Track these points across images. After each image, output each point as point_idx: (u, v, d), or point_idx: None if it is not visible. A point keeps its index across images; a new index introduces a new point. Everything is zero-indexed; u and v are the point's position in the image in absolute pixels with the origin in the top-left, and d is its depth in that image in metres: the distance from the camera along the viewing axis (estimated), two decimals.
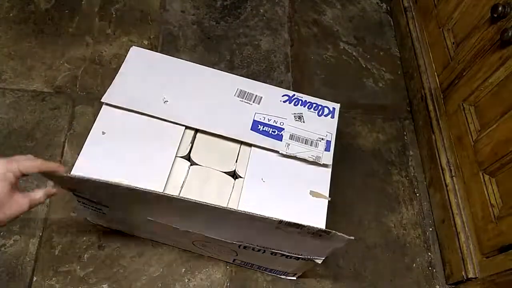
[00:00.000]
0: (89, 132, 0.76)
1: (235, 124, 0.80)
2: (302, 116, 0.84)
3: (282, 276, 0.89)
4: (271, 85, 0.88)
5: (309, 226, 0.61)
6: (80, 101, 1.05)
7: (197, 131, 0.81)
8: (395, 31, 1.33)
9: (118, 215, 0.79)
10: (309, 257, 0.73)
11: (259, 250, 0.75)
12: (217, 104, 0.83)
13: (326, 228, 0.74)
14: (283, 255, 0.74)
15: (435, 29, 1.11)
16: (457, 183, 0.96)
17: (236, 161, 0.79)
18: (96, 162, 0.73)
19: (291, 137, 0.80)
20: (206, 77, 0.86)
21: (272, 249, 0.73)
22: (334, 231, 0.61)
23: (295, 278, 0.90)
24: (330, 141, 0.82)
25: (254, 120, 0.81)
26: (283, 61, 1.21)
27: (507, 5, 0.81)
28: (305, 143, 0.80)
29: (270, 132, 0.80)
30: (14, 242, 0.86)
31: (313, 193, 0.77)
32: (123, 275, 0.86)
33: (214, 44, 1.21)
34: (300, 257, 0.73)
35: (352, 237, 0.61)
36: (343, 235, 0.61)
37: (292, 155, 0.78)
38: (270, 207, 0.75)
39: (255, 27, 1.26)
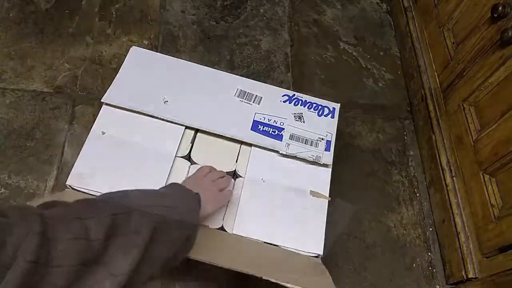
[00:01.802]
0: (89, 132, 0.76)
1: (235, 124, 0.80)
2: (302, 116, 0.84)
3: None
4: (271, 85, 0.88)
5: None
6: (80, 101, 1.05)
7: (197, 131, 0.81)
8: (395, 31, 1.33)
9: None
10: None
11: None
12: (217, 104, 0.83)
13: (326, 227, 0.75)
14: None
15: (435, 29, 1.11)
16: (457, 183, 0.96)
17: (236, 161, 0.79)
18: (96, 162, 0.73)
19: (291, 137, 0.80)
20: (206, 77, 0.86)
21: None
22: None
23: None
24: (330, 141, 0.82)
25: (254, 120, 0.81)
26: (283, 61, 1.21)
27: (507, 5, 0.81)
28: (305, 143, 0.80)
29: (270, 132, 0.80)
30: None
31: (313, 193, 0.77)
32: None
33: (214, 44, 1.21)
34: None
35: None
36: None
37: (292, 155, 0.78)
38: (270, 207, 0.75)
39: (255, 27, 1.26)
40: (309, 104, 0.86)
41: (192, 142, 0.80)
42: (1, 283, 0.29)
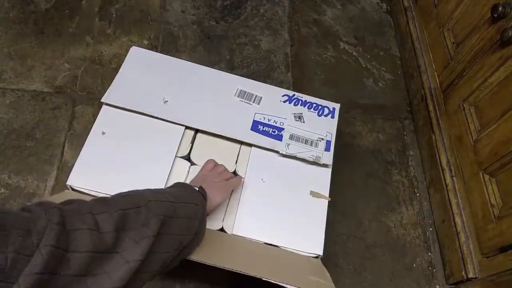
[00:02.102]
0: (89, 132, 0.76)
1: (235, 124, 0.80)
2: (302, 116, 0.84)
3: None
4: (271, 85, 0.88)
5: None
6: (80, 101, 1.05)
7: (197, 131, 0.81)
8: (395, 31, 1.33)
9: None
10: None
11: None
12: (217, 104, 0.82)
13: (326, 227, 0.75)
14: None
15: (435, 29, 1.11)
16: (457, 183, 0.96)
17: (236, 161, 0.79)
18: (96, 162, 0.73)
19: (291, 137, 0.80)
20: (206, 77, 0.86)
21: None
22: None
23: None
24: (330, 141, 0.82)
25: (254, 120, 0.81)
26: (283, 61, 1.21)
27: (507, 5, 0.81)
28: (305, 143, 0.80)
29: (270, 132, 0.80)
30: None
31: (313, 193, 0.77)
32: None
33: (214, 44, 1.21)
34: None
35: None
36: None
37: (292, 155, 0.78)
38: (270, 207, 0.75)
39: (255, 27, 1.26)
40: (309, 104, 0.86)
41: (192, 142, 0.80)
42: (27, 266, 0.32)
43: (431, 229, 1.02)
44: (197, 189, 0.62)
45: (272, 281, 0.60)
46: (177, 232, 0.50)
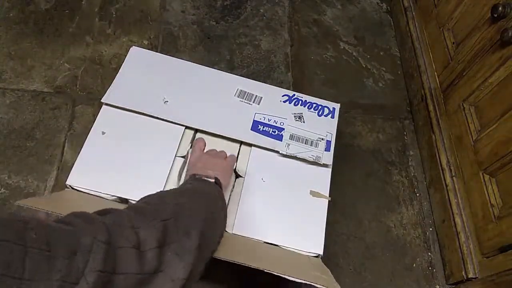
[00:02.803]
0: (89, 132, 0.76)
1: (235, 124, 0.80)
2: (302, 116, 0.84)
3: None
4: (271, 85, 0.88)
5: None
6: (80, 101, 1.05)
7: (196, 131, 0.81)
8: (395, 31, 1.33)
9: None
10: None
11: None
12: (217, 104, 0.82)
13: (326, 227, 0.75)
14: None
15: (435, 29, 1.11)
16: (457, 183, 0.96)
17: (236, 161, 0.79)
18: (96, 162, 0.73)
19: (291, 137, 0.80)
20: (206, 77, 0.86)
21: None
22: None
23: None
24: (330, 141, 0.82)
25: (254, 120, 0.81)
26: (283, 61, 1.21)
27: (507, 5, 0.81)
28: (305, 143, 0.80)
29: (270, 132, 0.80)
30: None
31: (313, 193, 0.77)
32: None
33: (214, 44, 1.21)
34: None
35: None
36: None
37: (292, 155, 0.78)
38: (270, 207, 0.75)
39: (255, 27, 1.26)
40: (309, 104, 0.86)
41: (192, 142, 0.79)
42: None
43: (431, 229, 1.02)
44: (213, 181, 0.59)
45: (275, 273, 0.59)
46: (212, 240, 0.49)
